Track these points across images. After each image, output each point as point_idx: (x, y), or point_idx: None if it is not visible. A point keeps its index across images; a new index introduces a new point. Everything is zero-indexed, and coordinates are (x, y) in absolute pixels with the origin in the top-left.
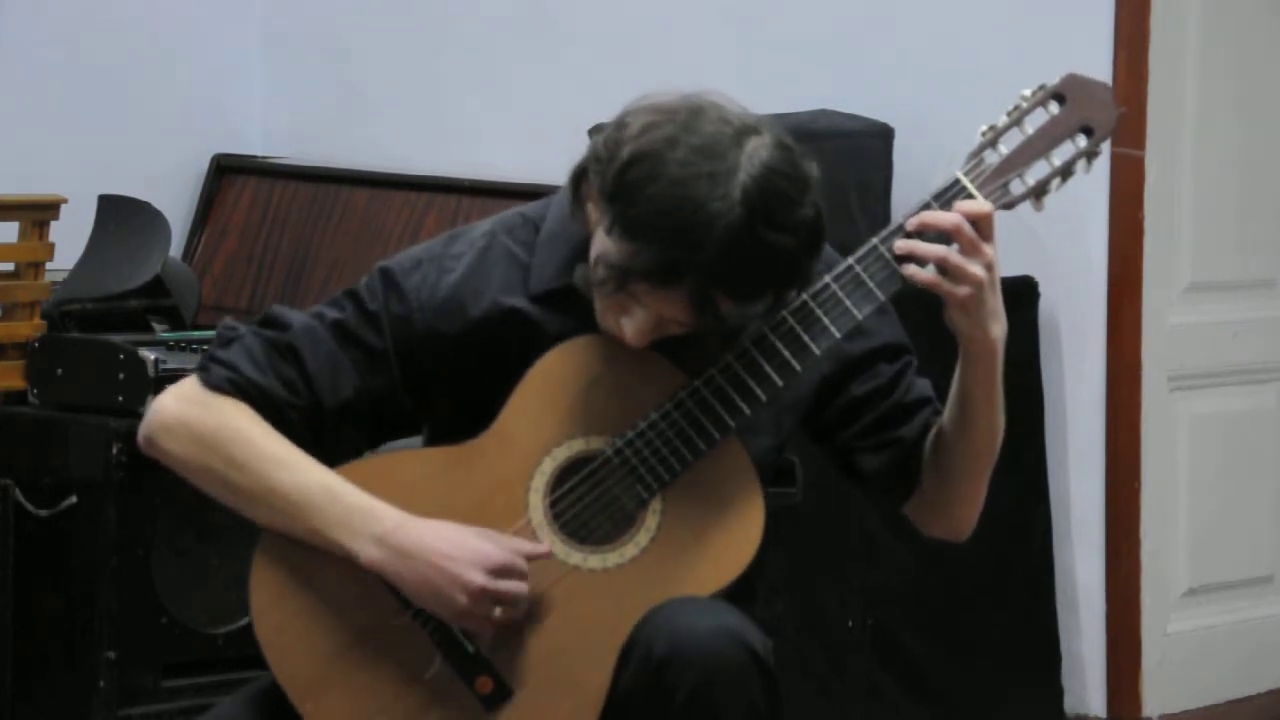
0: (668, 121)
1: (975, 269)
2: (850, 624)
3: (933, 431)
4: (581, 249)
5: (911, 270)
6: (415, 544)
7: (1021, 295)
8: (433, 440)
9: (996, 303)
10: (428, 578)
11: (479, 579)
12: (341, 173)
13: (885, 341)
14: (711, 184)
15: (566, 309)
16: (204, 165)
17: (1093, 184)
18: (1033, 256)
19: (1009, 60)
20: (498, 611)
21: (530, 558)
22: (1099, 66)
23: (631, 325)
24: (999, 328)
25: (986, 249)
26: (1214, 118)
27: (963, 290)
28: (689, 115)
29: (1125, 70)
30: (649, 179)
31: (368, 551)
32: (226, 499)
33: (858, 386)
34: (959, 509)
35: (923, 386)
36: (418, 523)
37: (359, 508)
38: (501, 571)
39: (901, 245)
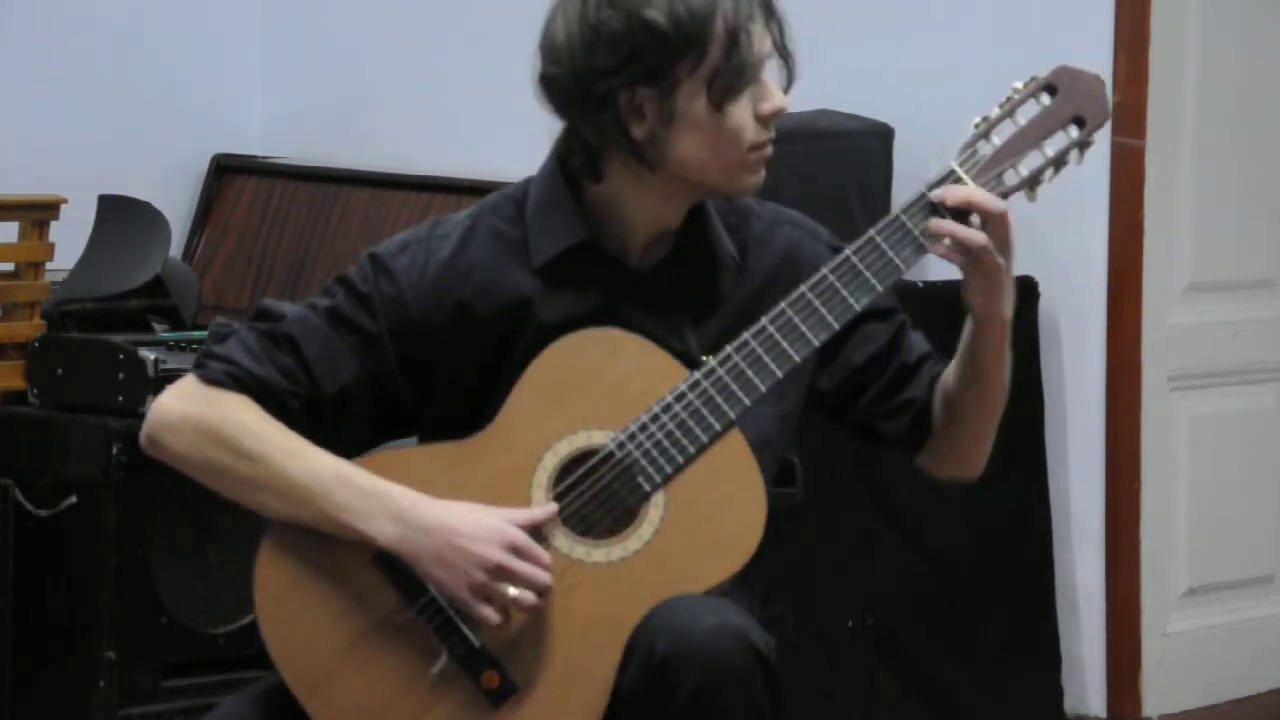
0: None
1: (1001, 259)
2: (850, 624)
3: (939, 385)
4: (573, 214)
5: (944, 250)
6: (434, 520)
7: (1021, 295)
8: (428, 438)
9: (1010, 282)
10: (444, 555)
11: (496, 555)
12: (341, 173)
13: (873, 303)
14: None
15: (566, 279)
16: (204, 165)
17: (1093, 184)
18: (1033, 256)
19: (1009, 60)
20: (513, 591)
21: (535, 525)
22: (1099, 66)
23: (772, 93)
24: (1009, 305)
25: (1014, 242)
26: (1214, 118)
27: (984, 276)
28: None
29: (1125, 70)
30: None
31: (385, 531)
32: (234, 492)
33: (855, 353)
34: (973, 452)
35: (920, 341)
36: (433, 501)
37: (372, 490)
38: (520, 551)
39: (937, 225)
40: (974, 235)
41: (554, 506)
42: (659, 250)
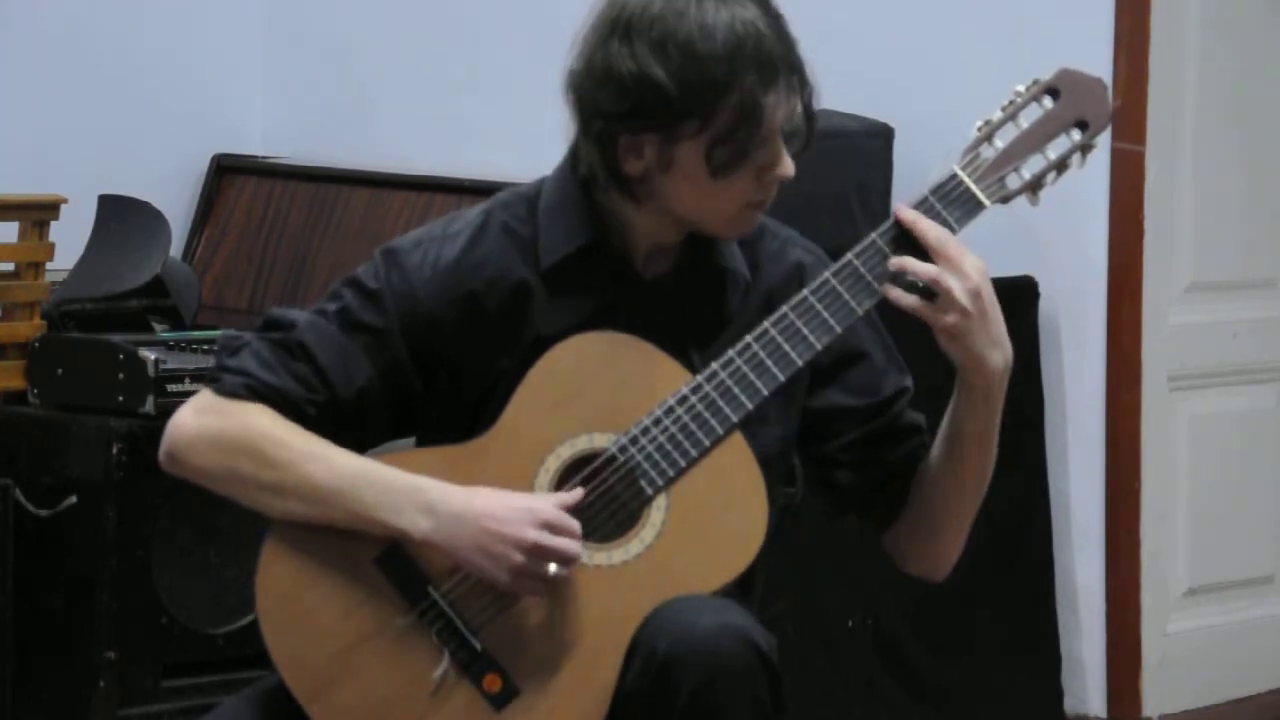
0: (619, 26)
1: (961, 297)
2: (850, 624)
3: (921, 465)
4: (583, 215)
5: (896, 294)
6: (465, 508)
7: (1021, 295)
8: (426, 441)
9: (994, 330)
10: (480, 541)
11: (532, 534)
12: (342, 173)
13: (876, 350)
14: (712, 5)
15: (571, 283)
16: (204, 165)
17: (1093, 184)
18: (1033, 256)
19: (1009, 60)
20: (553, 568)
21: (566, 508)
22: (1099, 66)
23: (780, 160)
24: (998, 355)
25: (970, 273)
26: (1214, 118)
27: (949, 318)
28: (615, 10)
29: (1125, 70)
30: (687, 48)
31: (418, 524)
32: (258, 501)
33: (843, 391)
34: (938, 548)
35: (915, 416)
36: (462, 489)
37: (400, 486)
38: (552, 527)
39: (894, 263)
40: (925, 268)
41: (580, 491)
42: (665, 259)
